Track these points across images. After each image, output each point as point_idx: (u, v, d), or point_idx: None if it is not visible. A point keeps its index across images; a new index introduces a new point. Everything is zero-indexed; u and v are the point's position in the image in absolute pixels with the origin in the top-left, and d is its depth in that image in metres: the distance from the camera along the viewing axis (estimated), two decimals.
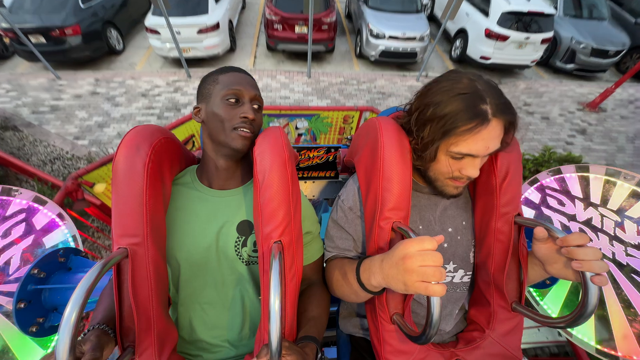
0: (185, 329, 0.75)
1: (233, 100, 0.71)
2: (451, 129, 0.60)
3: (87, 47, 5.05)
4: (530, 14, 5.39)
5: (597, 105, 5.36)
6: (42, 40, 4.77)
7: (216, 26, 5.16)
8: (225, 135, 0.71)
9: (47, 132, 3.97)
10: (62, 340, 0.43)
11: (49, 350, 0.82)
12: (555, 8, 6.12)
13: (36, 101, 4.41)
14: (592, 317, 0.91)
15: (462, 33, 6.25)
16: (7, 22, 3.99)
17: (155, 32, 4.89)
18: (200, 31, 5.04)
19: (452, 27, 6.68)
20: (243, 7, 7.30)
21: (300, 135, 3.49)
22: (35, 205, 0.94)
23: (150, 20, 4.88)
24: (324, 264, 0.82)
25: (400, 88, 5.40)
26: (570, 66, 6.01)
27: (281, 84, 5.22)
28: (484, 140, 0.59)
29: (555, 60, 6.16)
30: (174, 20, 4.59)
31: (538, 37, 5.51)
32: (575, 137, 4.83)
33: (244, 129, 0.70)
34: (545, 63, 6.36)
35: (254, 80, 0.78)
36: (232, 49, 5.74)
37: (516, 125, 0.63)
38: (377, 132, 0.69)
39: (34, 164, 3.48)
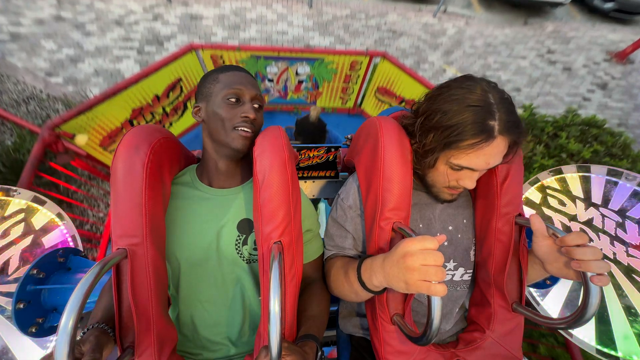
0: (187, 326, 0.75)
1: (234, 100, 0.71)
2: (455, 141, 0.59)
3: None
4: None
5: (626, 56, 4.89)
6: None
7: None
8: (225, 135, 0.70)
9: (14, 66, 3.48)
10: (60, 341, 0.43)
11: (48, 351, 0.82)
12: None
13: None
14: (593, 318, 0.91)
15: None
16: None
17: None
18: None
19: None
20: None
21: (300, 82, 3.13)
22: (35, 205, 0.93)
23: None
24: (324, 263, 0.82)
25: (414, 26, 4.82)
26: (609, 5, 5.40)
27: (278, 15, 4.53)
28: (485, 156, 0.59)
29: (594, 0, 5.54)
30: None
31: None
32: (594, 93, 4.39)
33: (245, 129, 0.70)
34: (581, 1, 5.76)
35: (255, 79, 0.78)
36: None
37: (520, 144, 0.63)
38: (378, 132, 0.69)
39: (5, 103, 3.09)
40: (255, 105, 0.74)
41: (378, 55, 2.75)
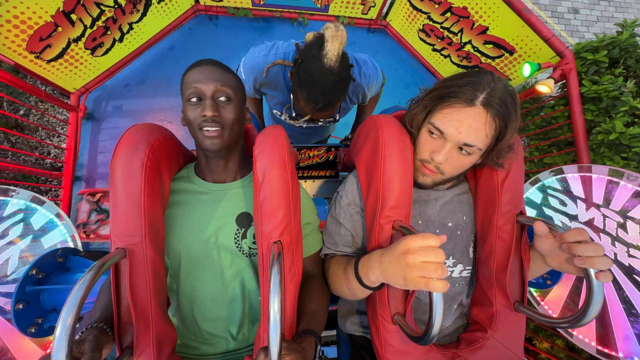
0: (187, 319, 0.75)
1: (195, 100, 0.68)
2: (442, 97, 0.62)
3: None
4: None
5: None
6: None
7: None
8: (197, 137, 0.71)
9: None
10: (59, 341, 0.43)
11: (47, 351, 0.82)
12: None
13: None
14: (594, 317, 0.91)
15: None
16: None
17: None
18: None
19: None
20: None
21: None
22: (33, 205, 0.93)
23: None
24: (323, 261, 0.82)
25: None
26: None
27: None
28: (458, 121, 0.60)
29: None
30: None
31: None
32: None
33: (207, 128, 0.68)
34: None
35: (221, 69, 0.71)
36: None
37: (506, 133, 0.62)
38: (378, 131, 0.69)
39: None
40: (222, 98, 0.70)
41: None
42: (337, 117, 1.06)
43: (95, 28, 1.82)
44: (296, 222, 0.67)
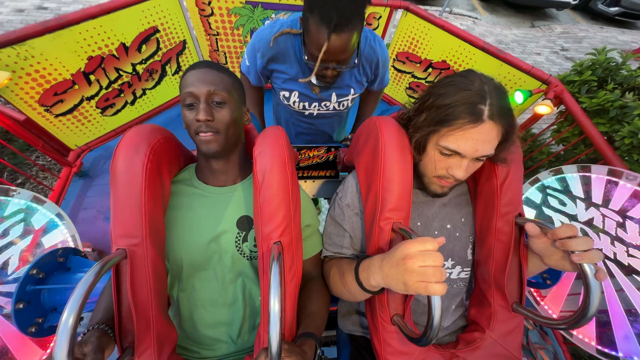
0: (187, 323, 0.75)
1: (189, 103, 0.68)
2: (444, 120, 0.60)
3: None
4: None
5: None
6: None
7: None
8: (194, 141, 0.71)
9: None
10: (60, 342, 0.43)
11: (48, 352, 0.82)
12: None
13: None
14: (593, 317, 0.91)
15: None
16: None
17: None
18: None
19: None
20: None
21: None
22: (34, 205, 0.93)
23: None
24: (323, 263, 0.82)
25: None
26: (614, 9, 5.41)
27: None
28: (473, 140, 0.59)
29: (597, 3, 5.61)
30: None
31: None
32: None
33: (202, 132, 0.68)
34: (583, 7, 5.78)
35: (216, 70, 0.70)
36: None
37: (512, 135, 0.63)
38: (378, 132, 0.69)
39: None
40: (217, 100, 0.68)
41: (401, 8, 2.15)
42: (357, 61, 0.97)
43: (110, 89, 1.88)
44: (296, 223, 0.67)
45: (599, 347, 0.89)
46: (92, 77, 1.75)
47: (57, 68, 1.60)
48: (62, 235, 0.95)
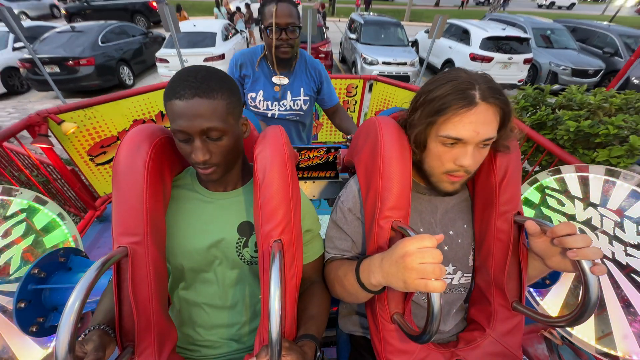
0: (187, 325, 0.76)
1: (182, 138, 0.61)
2: (439, 110, 0.61)
3: (99, 78, 5.71)
4: (508, 38, 6.36)
5: None
6: (57, 69, 5.35)
7: (222, 56, 5.79)
8: (192, 167, 0.73)
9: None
10: (61, 339, 0.43)
11: (49, 350, 0.82)
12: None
13: None
14: (592, 317, 0.91)
15: (449, 63, 7.09)
16: (31, 53, 3.82)
17: (165, 60, 5.61)
18: (206, 59, 5.67)
19: (437, 61, 7.55)
20: (247, 45, 8.09)
21: None
22: (36, 205, 0.94)
23: (161, 51, 5.70)
24: (324, 265, 0.82)
25: None
26: (555, 87, 5.95)
27: None
28: (472, 123, 0.59)
29: (540, 84, 6.42)
30: (183, 50, 4.86)
31: (520, 57, 6.29)
32: None
33: (200, 169, 0.65)
34: None
35: (206, 98, 0.58)
36: None
37: (510, 115, 0.63)
38: (377, 132, 0.70)
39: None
40: (213, 135, 0.61)
41: (372, 79, 2.94)
42: (300, 25, 1.29)
43: None
44: (296, 221, 0.67)
45: (598, 347, 0.89)
46: None
47: (109, 127, 2.08)
48: (64, 235, 0.95)
